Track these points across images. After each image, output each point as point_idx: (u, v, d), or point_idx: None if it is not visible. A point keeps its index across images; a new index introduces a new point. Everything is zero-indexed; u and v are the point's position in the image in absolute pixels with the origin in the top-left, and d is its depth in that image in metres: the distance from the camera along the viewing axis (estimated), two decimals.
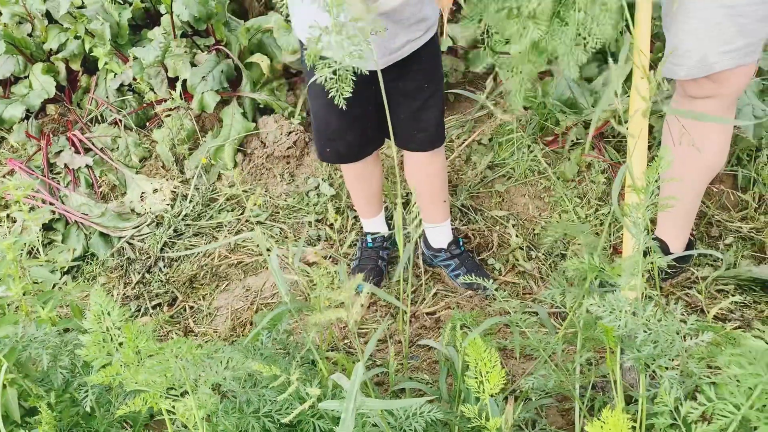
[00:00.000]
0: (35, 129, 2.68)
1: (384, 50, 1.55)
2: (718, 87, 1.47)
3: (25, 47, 2.70)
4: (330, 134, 1.76)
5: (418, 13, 1.56)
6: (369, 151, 1.85)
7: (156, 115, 2.69)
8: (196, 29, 2.74)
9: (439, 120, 1.79)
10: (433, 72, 1.72)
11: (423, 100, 1.72)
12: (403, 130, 1.78)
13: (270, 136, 2.60)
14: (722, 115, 1.55)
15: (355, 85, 1.58)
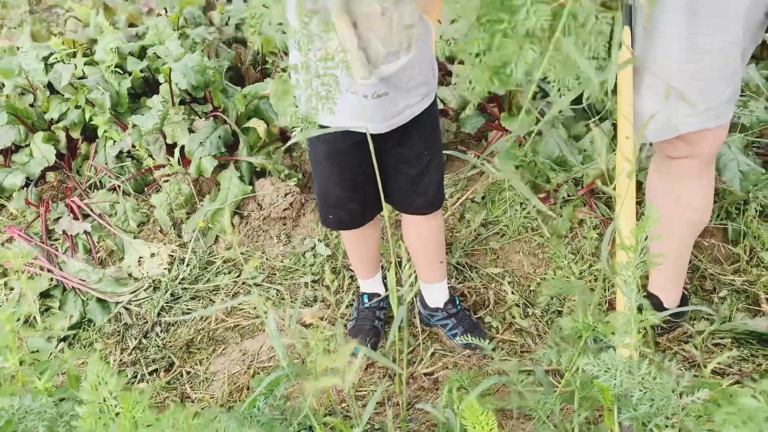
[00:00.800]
0: (34, 196, 2.72)
1: (385, 114, 1.57)
2: (692, 148, 1.51)
3: (26, 117, 2.76)
4: (332, 202, 1.78)
5: (418, 77, 1.59)
6: (370, 217, 1.87)
7: (154, 181, 2.74)
8: (194, 97, 2.82)
9: (439, 184, 1.81)
10: (432, 138, 1.75)
11: (423, 166, 1.73)
12: (403, 195, 1.79)
13: (266, 198, 2.64)
14: (700, 174, 1.59)
15: (356, 153, 1.63)
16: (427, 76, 1.62)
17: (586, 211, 2.36)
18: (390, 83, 1.53)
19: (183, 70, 2.59)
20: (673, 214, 1.64)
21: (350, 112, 1.53)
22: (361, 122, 1.54)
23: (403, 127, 1.64)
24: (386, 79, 1.52)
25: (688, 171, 1.58)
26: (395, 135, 1.65)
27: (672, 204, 1.63)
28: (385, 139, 1.65)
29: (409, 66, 1.54)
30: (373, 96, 1.53)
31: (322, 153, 1.70)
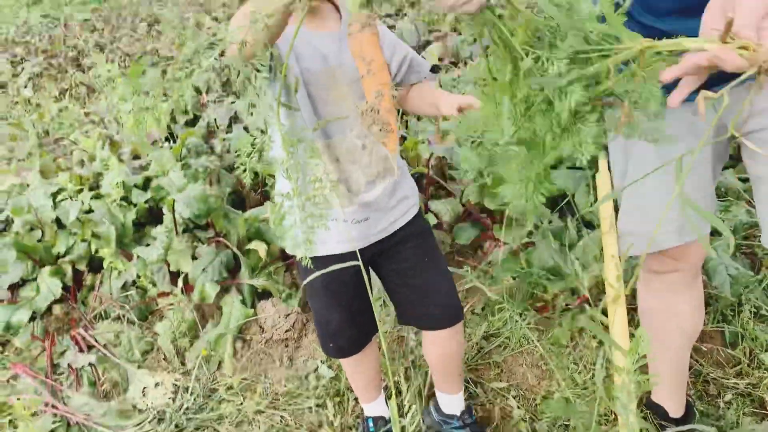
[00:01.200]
0: (40, 330, 2.75)
1: (367, 234, 1.64)
2: (677, 262, 1.57)
3: (34, 252, 2.84)
4: (332, 331, 1.79)
5: (396, 197, 1.66)
6: (369, 340, 1.89)
7: (158, 308, 2.78)
8: (196, 224, 2.91)
9: (450, 292, 1.78)
10: (428, 245, 1.77)
11: (425, 275, 1.74)
12: (415, 309, 1.79)
13: (268, 320, 2.67)
14: (688, 285, 1.64)
15: (350, 277, 1.68)
16: (405, 193, 1.68)
17: (584, 320, 2.39)
18: (370, 208, 1.61)
19: (186, 200, 2.70)
20: (666, 327, 1.68)
21: (336, 237, 1.61)
22: (348, 244, 1.61)
23: (394, 241, 1.69)
24: (366, 204, 1.60)
25: (676, 284, 1.63)
26: (386, 250, 1.70)
27: (664, 317, 1.67)
28: (377, 256, 1.71)
29: (387, 190, 1.62)
30: (352, 222, 1.61)
31: (318, 282, 1.73)
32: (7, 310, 2.66)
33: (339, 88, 1.45)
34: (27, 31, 11.13)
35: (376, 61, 1.08)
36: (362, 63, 1.09)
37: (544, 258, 2.49)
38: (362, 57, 1.07)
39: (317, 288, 1.74)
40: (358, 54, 1.08)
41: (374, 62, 1.08)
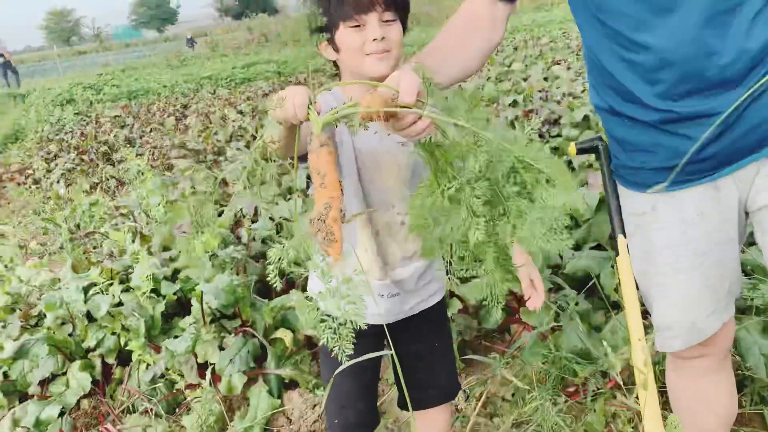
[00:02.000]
0: (68, 425, 2.75)
1: (396, 311, 1.68)
2: (704, 347, 1.55)
3: (65, 347, 2.88)
4: (342, 401, 1.78)
5: (427, 278, 1.71)
6: (376, 424, 1.88)
7: (185, 401, 2.78)
8: (224, 313, 2.95)
9: (451, 373, 1.88)
10: (442, 329, 1.85)
11: (435, 357, 1.81)
12: (419, 391, 1.81)
13: (296, 411, 2.65)
14: (718, 369, 1.61)
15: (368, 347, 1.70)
16: (436, 277, 1.74)
17: (617, 404, 2.33)
18: (402, 285, 1.66)
19: (214, 291, 2.75)
20: (699, 412, 1.64)
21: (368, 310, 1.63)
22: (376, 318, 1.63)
23: (415, 323, 1.73)
24: (399, 281, 1.65)
25: (705, 369, 1.60)
26: (408, 331, 1.73)
27: (696, 402, 1.64)
28: (399, 336, 1.73)
29: (418, 271, 1.67)
30: (387, 296, 1.65)
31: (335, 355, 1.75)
32: (37, 405, 2.68)
33: (385, 170, 1.55)
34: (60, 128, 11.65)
35: (329, 176, 1.17)
36: (317, 176, 1.18)
37: (572, 341, 2.47)
38: (317, 171, 1.17)
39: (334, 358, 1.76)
40: (315, 168, 1.18)
41: (327, 176, 1.17)
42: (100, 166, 7.77)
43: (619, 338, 2.36)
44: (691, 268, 1.49)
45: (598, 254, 2.79)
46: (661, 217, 1.48)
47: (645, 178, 1.48)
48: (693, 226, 1.46)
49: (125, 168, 6.99)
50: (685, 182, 1.43)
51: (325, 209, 1.14)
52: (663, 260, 1.50)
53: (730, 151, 1.37)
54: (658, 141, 1.40)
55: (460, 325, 2.86)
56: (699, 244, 1.47)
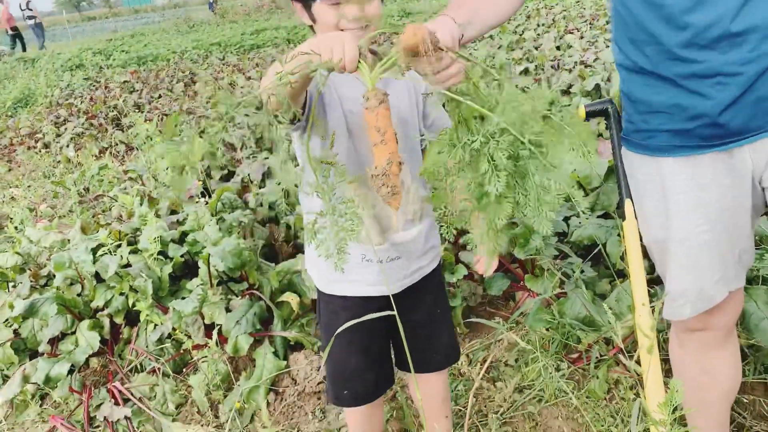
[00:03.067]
0: (78, 383, 2.80)
1: (398, 276, 1.69)
2: (710, 318, 1.54)
3: (74, 306, 2.92)
4: (349, 375, 1.80)
5: (428, 243, 1.73)
6: (384, 390, 1.91)
7: (192, 361, 2.81)
8: (230, 276, 2.97)
9: (452, 339, 1.91)
10: (442, 296, 1.88)
11: (436, 324, 1.83)
12: (420, 355, 1.84)
13: (301, 372, 2.68)
14: (722, 343, 1.60)
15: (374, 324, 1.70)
16: (435, 242, 1.77)
17: (620, 371, 2.35)
18: (402, 249, 1.67)
19: (221, 254, 2.76)
20: (703, 385, 1.64)
21: (367, 280, 1.66)
22: (379, 287, 1.66)
23: (415, 291, 1.75)
24: (399, 244, 1.65)
25: (710, 342, 1.60)
26: (409, 299, 1.74)
27: (700, 375, 1.63)
28: (400, 304, 1.73)
29: (422, 234, 1.69)
30: (387, 260, 1.66)
31: (343, 322, 1.75)
32: (47, 363, 2.72)
33: None
34: (70, 93, 11.63)
35: (388, 133, 1.19)
36: (377, 133, 1.19)
37: (576, 308, 2.47)
38: (377, 128, 1.18)
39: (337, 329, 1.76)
40: (374, 125, 1.19)
41: (387, 133, 1.19)
42: (109, 131, 7.76)
43: (624, 306, 2.36)
44: (702, 233, 1.48)
45: (605, 222, 2.77)
46: (674, 183, 1.47)
47: (660, 141, 1.47)
48: (706, 191, 1.45)
49: (134, 133, 6.98)
50: (699, 148, 1.43)
51: (388, 164, 1.18)
52: (677, 226, 1.49)
53: (744, 119, 1.36)
54: (676, 101, 1.40)
55: (465, 291, 2.87)
56: (711, 210, 1.46)
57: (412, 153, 1.63)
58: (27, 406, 2.81)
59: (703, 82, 1.35)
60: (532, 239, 2.59)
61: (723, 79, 1.32)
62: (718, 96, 1.34)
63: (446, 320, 1.88)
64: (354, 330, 1.66)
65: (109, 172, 5.77)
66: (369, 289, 1.68)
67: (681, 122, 1.42)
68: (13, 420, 2.79)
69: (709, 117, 1.37)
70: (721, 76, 1.32)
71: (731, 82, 1.32)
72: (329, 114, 1.52)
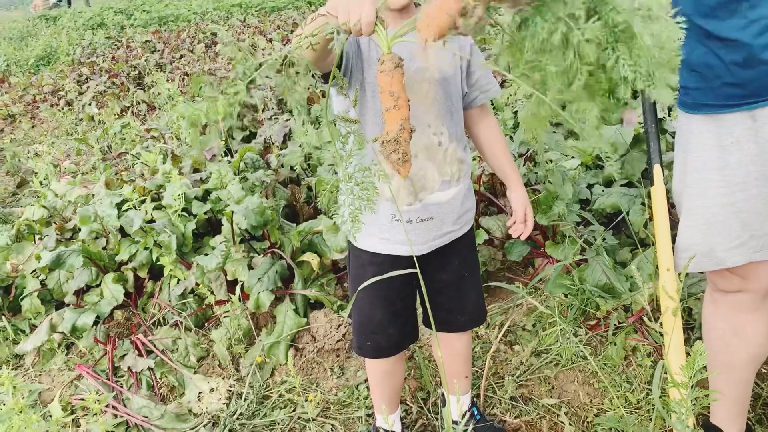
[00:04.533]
0: (102, 334, 2.87)
1: (427, 237, 1.70)
2: (745, 282, 1.54)
3: (99, 259, 2.97)
4: (373, 328, 1.84)
5: (462, 207, 1.73)
6: (406, 345, 1.94)
7: (214, 315, 2.87)
8: (253, 235, 3.00)
9: (479, 302, 1.92)
10: (471, 259, 1.87)
11: (464, 287, 1.84)
12: (446, 315, 1.87)
13: (320, 330, 2.73)
14: (757, 307, 1.60)
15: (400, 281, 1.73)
16: (468, 206, 1.77)
17: (638, 339, 2.36)
18: (436, 210, 1.67)
19: (244, 212, 2.79)
20: (731, 348, 1.64)
21: (396, 238, 1.68)
22: (406, 247, 1.67)
23: (444, 252, 1.75)
24: (433, 205, 1.66)
25: (743, 305, 1.60)
26: (436, 259, 1.75)
27: (729, 337, 1.64)
28: (428, 263, 1.76)
29: (459, 195, 1.69)
30: (417, 221, 1.66)
31: (369, 276, 1.75)
32: (74, 313, 2.78)
33: (416, 89, 1.52)
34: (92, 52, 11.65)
35: (401, 98, 1.17)
36: (390, 98, 1.18)
37: (597, 275, 2.48)
38: (391, 92, 1.17)
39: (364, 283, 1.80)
40: (387, 89, 1.18)
41: (400, 98, 1.17)
42: (131, 90, 7.79)
43: (645, 275, 2.36)
44: (720, 195, 1.49)
45: (629, 191, 2.76)
46: (699, 139, 1.49)
47: (691, 98, 1.50)
48: (728, 152, 1.46)
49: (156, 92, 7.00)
50: (723, 107, 1.45)
51: (400, 130, 1.16)
52: (693, 181, 1.52)
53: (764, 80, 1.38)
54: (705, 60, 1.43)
55: (485, 256, 2.88)
56: (733, 173, 1.47)
57: (453, 113, 1.62)
58: (54, 355, 2.89)
59: (725, 43, 1.38)
60: (555, 205, 2.59)
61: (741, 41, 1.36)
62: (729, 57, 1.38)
63: (474, 283, 1.88)
64: (380, 286, 1.70)
65: (131, 131, 5.81)
66: (397, 248, 1.69)
67: (708, 80, 1.45)
68: (41, 367, 2.87)
69: (730, 78, 1.40)
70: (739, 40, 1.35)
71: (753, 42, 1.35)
72: (365, 71, 1.51)
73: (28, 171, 5.55)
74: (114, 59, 10.11)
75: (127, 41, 12.40)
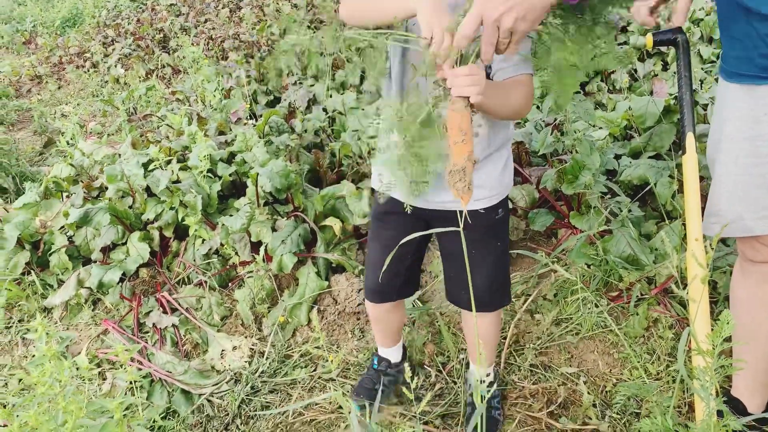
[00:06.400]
0: (128, 291, 2.92)
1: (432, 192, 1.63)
2: None
3: (125, 218, 3.02)
4: (369, 262, 1.94)
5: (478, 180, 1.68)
6: (393, 298, 2.00)
7: (237, 276, 2.91)
8: (277, 198, 3.02)
9: (489, 288, 1.82)
10: (485, 243, 1.77)
11: (473, 264, 1.76)
12: (452, 287, 1.91)
13: (341, 293, 2.75)
14: None
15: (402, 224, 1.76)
16: (487, 185, 1.68)
17: (660, 310, 2.35)
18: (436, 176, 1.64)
19: (268, 174, 2.81)
20: (757, 319, 1.64)
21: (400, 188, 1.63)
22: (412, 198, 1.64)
23: (450, 218, 1.68)
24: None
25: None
26: (442, 223, 1.68)
27: (756, 309, 1.63)
28: (437, 222, 1.73)
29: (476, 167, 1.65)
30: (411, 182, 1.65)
31: (377, 211, 1.88)
32: (100, 269, 2.84)
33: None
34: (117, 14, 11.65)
35: (468, 134, 1.27)
36: (459, 133, 1.28)
37: (621, 247, 2.46)
38: (460, 128, 1.27)
39: (376, 231, 1.90)
40: (457, 126, 1.28)
41: (467, 134, 1.27)
42: (156, 53, 7.80)
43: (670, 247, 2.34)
44: (751, 165, 1.49)
45: (656, 164, 2.72)
46: (734, 108, 1.49)
47: (731, 67, 1.50)
48: (761, 123, 1.47)
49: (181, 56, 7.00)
50: (759, 78, 1.46)
51: (467, 161, 1.28)
52: (726, 149, 1.52)
53: None
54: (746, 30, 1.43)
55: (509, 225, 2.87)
56: (764, 144, 1.46)
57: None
58: (81, 310, 2.95)
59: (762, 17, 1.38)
60: (582, 175, 2.56)
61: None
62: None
63: (484, 265, 1.79)
64: (381, 220, 1.85)
65: (156, 94, 5.83)
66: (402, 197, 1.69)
67: (747, 50, 1.45)
68: (68, 321, 2.94)
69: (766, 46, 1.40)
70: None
71: None
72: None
73: (55, 131, 5.61)
74: (139, 22, 10.10)
75: (152, 4, 12.37)
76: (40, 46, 10.04)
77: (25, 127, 6.19)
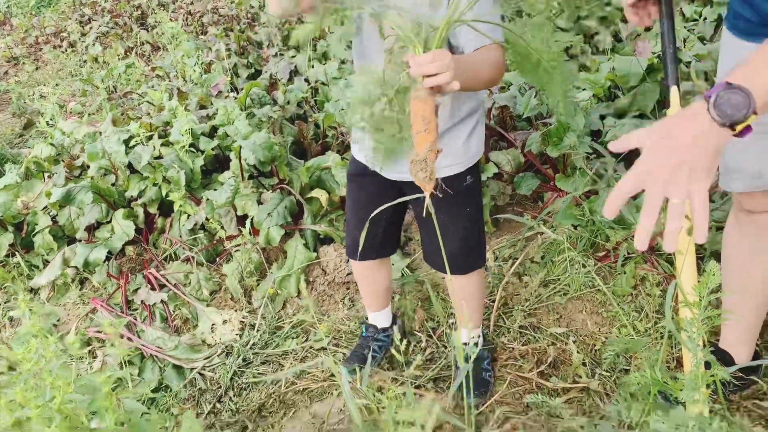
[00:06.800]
0: (115, 269, 2.90)
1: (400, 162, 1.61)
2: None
3: (108, 195, 2.98)
4: (349, 226, 2.01)
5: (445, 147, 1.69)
6: (371, 256, 2.04)
7: (225, 251, 2.89)
8: (261, 171, 2.99)
9: (460, 249, 1.85)
10: (455, 210, 1.80)
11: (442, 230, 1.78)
12: (427, 248, 1.96)
13: (330, 264, 2.75)
14: None
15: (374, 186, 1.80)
16: (454, 153, 1.70)
17: (647, 268, 2.36)
18: None
19: (251, 147, 2.78)
20: (749, 271, 1.64)
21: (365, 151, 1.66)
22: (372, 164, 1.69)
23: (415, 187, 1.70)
24: None
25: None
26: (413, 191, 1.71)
27: (749, 261, 1.63)
28: (407, 188, 1.77)
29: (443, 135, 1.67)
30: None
31: (351, 172, 1.92)
32: (86, 248, 2.81)
33: None
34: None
35: (432, 123, 1.25)
36: (422, 122, 1.25)
37: None
38: (423, 117, 1.24)
39: (350, 191, 1.96)
40: (421, 114, 1.25)
41: (431, 123, 1.24)
42: (134, 30, 7.66)
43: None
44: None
45: (641, 123, 2.72)
46: None
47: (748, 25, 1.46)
48: None
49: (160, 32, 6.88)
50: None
51: (429, 152, 1.27)
52: None
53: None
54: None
55: (494, 190, 2.87)
56: None
57: None
58: (68, 289, 2.93)
59: None
60: (566, 137, 2.55)
61: None
62: None
63: (455, 230, 1.83)
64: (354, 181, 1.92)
65: (136, 71, 5.74)
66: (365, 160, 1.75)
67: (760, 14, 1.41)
68: (55, 302, 2.92)
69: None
70: None
71: None
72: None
73: (34, 112, 5.52)
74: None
75: None
76: (16, 27, 9.83)
77: (4, 109, 6.09)
